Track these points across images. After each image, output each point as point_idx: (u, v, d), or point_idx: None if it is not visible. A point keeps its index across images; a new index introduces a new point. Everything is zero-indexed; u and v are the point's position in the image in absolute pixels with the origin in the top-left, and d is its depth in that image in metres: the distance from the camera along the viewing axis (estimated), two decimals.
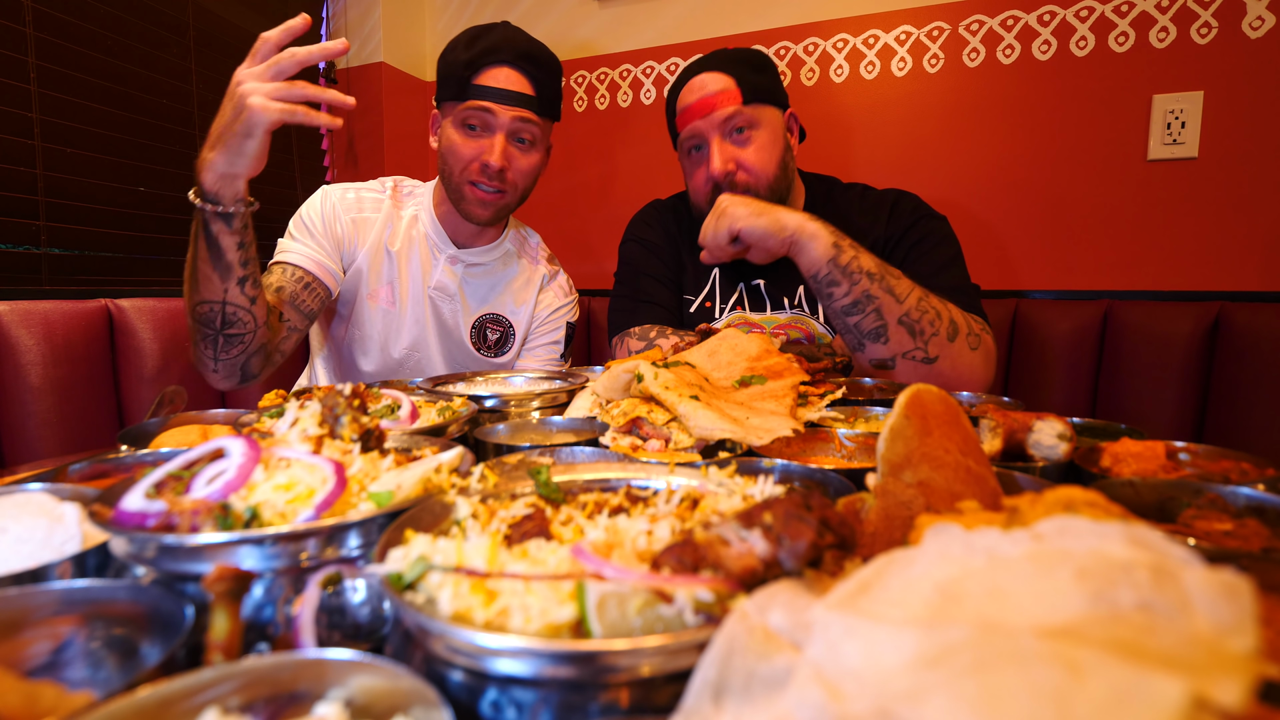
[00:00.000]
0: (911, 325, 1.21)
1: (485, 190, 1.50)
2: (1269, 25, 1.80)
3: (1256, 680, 0.22)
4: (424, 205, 1.64)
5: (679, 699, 0.30)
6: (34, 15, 1.68)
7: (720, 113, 1.44)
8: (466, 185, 1.50)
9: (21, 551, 0.48)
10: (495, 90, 1.43)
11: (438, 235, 1.62)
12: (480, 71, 1.43)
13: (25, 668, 0.39)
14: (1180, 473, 0.69)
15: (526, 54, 1.45)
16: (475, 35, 1.46)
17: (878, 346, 1.23)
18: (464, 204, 1.53)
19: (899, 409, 0.48)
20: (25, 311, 1.47)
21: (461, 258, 1.64)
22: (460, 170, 1.49)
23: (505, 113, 1.44)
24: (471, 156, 1.47)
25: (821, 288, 1.24)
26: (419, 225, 1.62)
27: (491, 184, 1.49)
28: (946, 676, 0.24)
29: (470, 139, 1.47)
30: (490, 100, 1.43)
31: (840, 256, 1.21)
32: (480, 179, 1.49)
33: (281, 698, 0.33)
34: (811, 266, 1.24)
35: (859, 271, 1.21)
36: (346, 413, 0.56)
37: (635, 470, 0.56)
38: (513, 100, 1.44)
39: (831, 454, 0.80)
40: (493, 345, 1.71)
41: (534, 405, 1.02)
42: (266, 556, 0.43)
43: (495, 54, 1.43)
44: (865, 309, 1.21)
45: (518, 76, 1.45)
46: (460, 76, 1.43)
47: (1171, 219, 1.93)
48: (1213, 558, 0.38)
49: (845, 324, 1.25)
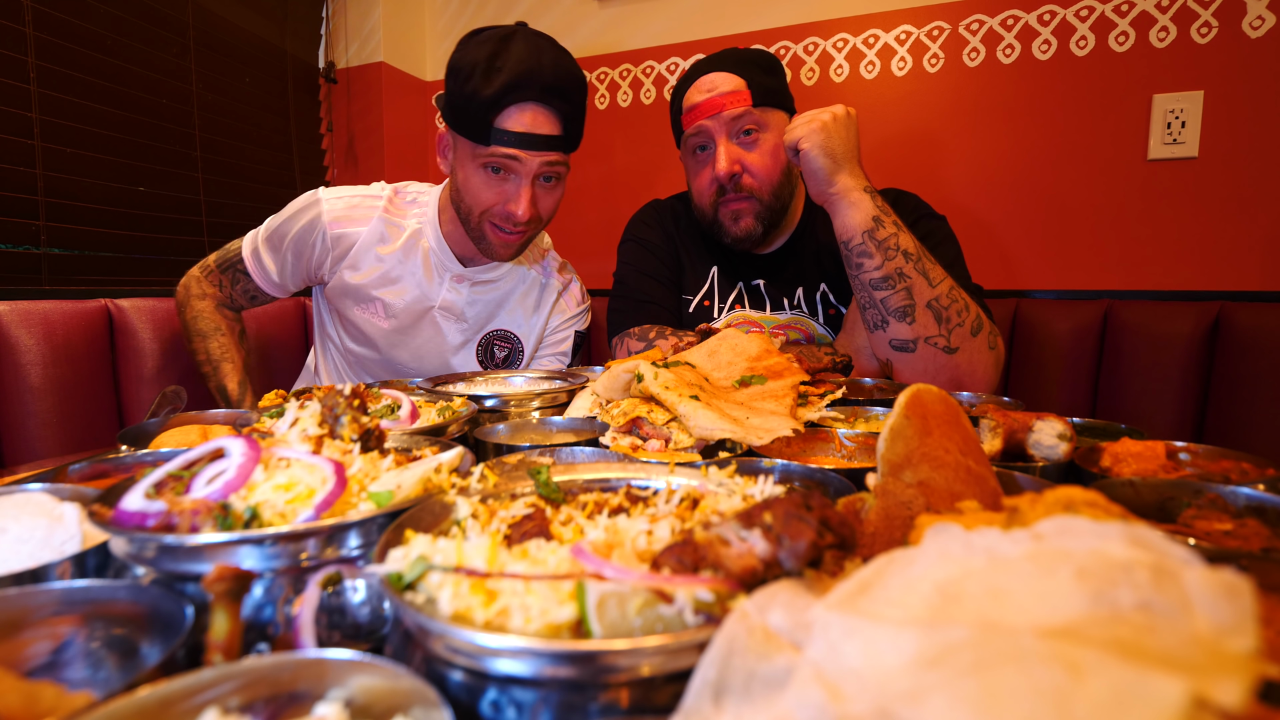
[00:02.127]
0: (940, 311, 1.21)
1: (509, 234, 1.43)
2: (1269, 25, 1.80)
3: (1256, 680, 0.22)
4: (428, 219, 1.55)
5: (679, 699, 0.30)
6: (34, 15, 1.68)
7: (729, 113, 1.43)
8: (488, 225, 1.43)
9: (21, 551, 0.48)
10: (520, 136, 1.31)
11: (444, 253, 1.54)
12: (503, 112, 1.30)
13: (25, 668, 0.39)
14: (1180, 473, 0.69)
15: (554, 87, 1.32)
16: (491, 58, 1.29)
17: (902, 326, 1.23)
18: (484, 243, 1.46)
19: (899, 409, 0.48)
20: (25, 311, 1.47)
21: (469, 276, 1.57)
22: (482, 212, 1.41)
23: (533, 159, 1.34)
24: (495, 201, 1.39)
25: (852, 256, 1.26)
26: (422, 240, 1.55)
27: (515, 229, 1.42)
28: (947, 676, 0.24)
29: (494, 184, 1.38)
30: (517, 148, 1.32)
31: (878, 231, 1.22)
32: (504, 224, 1.41)
33: (281, 698, 0.33)
34: (844, 232, 1.25)
35: (895, 249, 1.22)
36: (346, 413, 0.56)
37: (635, 470, 0.56)
38: (540, 145, 1.33)
39: (831, 454, 0.80)
40: (500, 362, 1.66)
41: (534, 405, 1.02)
42: (266, 556, 0.43)
43: (519, 91, 1.29)
44: (896, 285, 1.22)
45: (545, 117, 1.33)
46: (480, 117, 1.31)
47: (1172, 219, 1.93)
48: (1213, 558, 0.38)
49: (871, 297, 1.25)
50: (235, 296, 1.57)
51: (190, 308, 1.54)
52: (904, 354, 1.25)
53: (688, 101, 1.50)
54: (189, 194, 2.11)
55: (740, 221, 1.48)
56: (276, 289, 1.57)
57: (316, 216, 1.48)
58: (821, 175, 1.26)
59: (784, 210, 1.52)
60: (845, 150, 1.28)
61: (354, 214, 1.51)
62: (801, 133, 1.28)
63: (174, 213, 2.06)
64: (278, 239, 1.51)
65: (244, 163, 2.32)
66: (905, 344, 1.24)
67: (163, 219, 2.03)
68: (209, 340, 1.50)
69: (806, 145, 1.26)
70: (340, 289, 1.55)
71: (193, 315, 1.53)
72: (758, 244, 1.53)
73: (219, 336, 1.50)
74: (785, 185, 1.49)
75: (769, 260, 1.59)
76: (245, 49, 2.32)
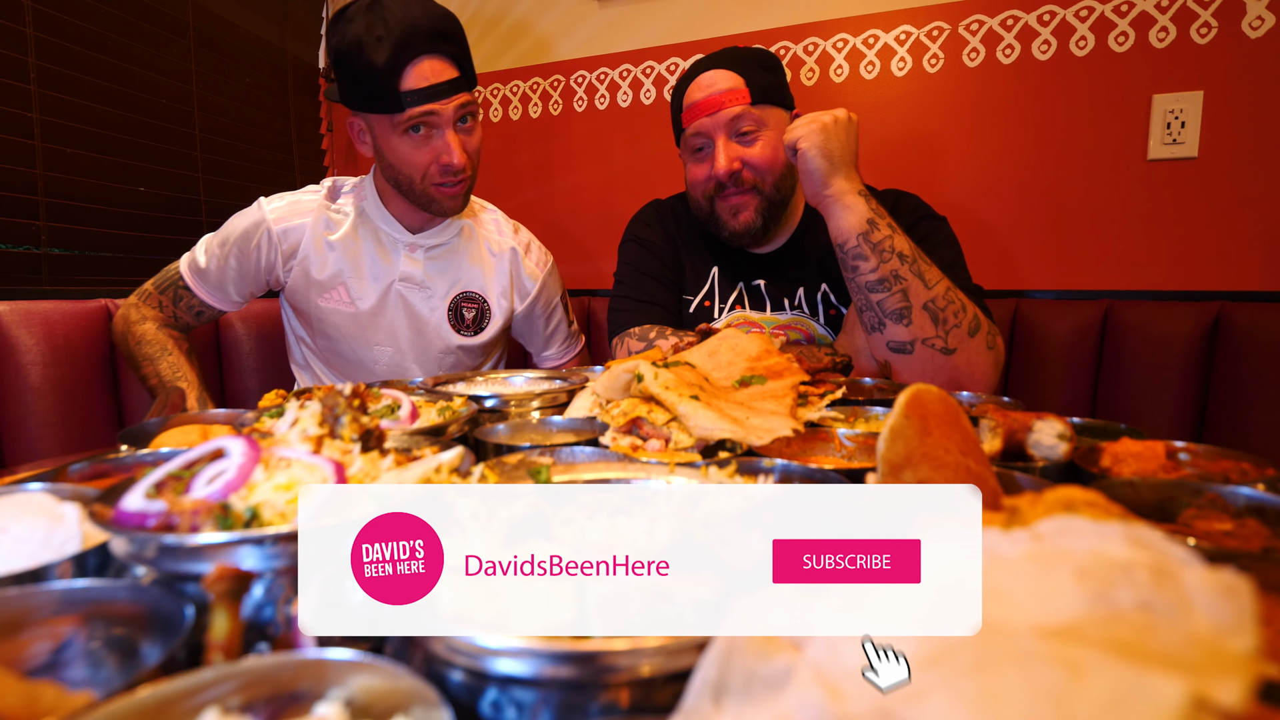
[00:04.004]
0: (936, 313, 1.21)
1: (452, 186, 1.47)
2: (1269, 25, 1.80)
3: (1256, 680, 0.22)
4: (367, 198, 1.58)
5: (679, 699, 0.30)
6: (34, 15, 1.68)
7: (727, 112, 1.43)
8: (432, 188, 1.46)
9: (21, 551, 0.48)
10: (428, 90, 1.35)
11: (389, 226, 1.58)
12: (402, 73, 1.34)
13: (25, 668, 0.39)
14: (1180, 473, 0.69)
15: (437, 33, 1.35)
16: (369, 27, 1.31)
17: (899, 328, 1.23)
18: (434, 205, 1.50)
19: (899, 409, 0.48)
20: (25, 311, 1.47)
21: (420, 243, 1.60)
22: (421, 177, 1.45)
23: (447, 107, 1.38)
24: (428, 161, 1.43)
25: (847, 259, 1.25)
26: (366, 219, 1.58)
27: (456, 179, 1.46)
28: (946, 676, 0.24)
29: (420, 144, 1.42)
30: (429, 101, 1.36)
31: (873, 233, 1.22)
32: (445, 179, 1.45)
33: (281, 698, 0.33)
34: (839, 235, 1.25)
35: (890, 251, 1.21)
36: (346, 413, 0.56)
37: (635, 470, 0.56)
38: (448, 91, 1.37)
39: (831, 454, 0.80)
40: (470, 324, 1.67)
41: (534, 405, 1.02)
42: (266, 556, 0.43)
43: (409, 48, 1.32)
44: (891, 288, 1.22)
45: (440, 63, 1.36)
46: (384, 86, 1.34)
47: (1171, 219, 1.93)
48: (1213, 558, 0.38)
49: (868, 300, 1.25)
50: (179, 315, 1.54)
51: (131, 334, 1.47)
52: (902, 355, 1.25)
53: (687, 100, 1.50)
54: (189, 194, 2.11)
55: (740, 215, 1.48)
56: (222, 299, 1.55)
57: (260, 219, 1.51)
58: (818, 176, 1.27)
59: (784, 205, 1.52)
60: (843, 153, 1.28)
61: (297, 209, 1.54)
62: (801, 132, 1.28)
63: (174, 213, 2.06)
64: (216, 246, 1.51)
65: (244, 163, 2.32)
66: (902, 345, 1.24)
67: (163, 219, 2.03)
68: (158, 362, 1.43)
69: (805, 145, 1.27)
70: (301, 284, 1.56)
71: (136, 340, 1.46)
72: (757, 240, 1.53)
73: (167, 356, 1.44)
74: (786, 179, 1.49)
75: (769, 260, 1.59)
76: (245, 49, 2.32)
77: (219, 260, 1.52)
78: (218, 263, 1.52)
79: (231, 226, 1.53)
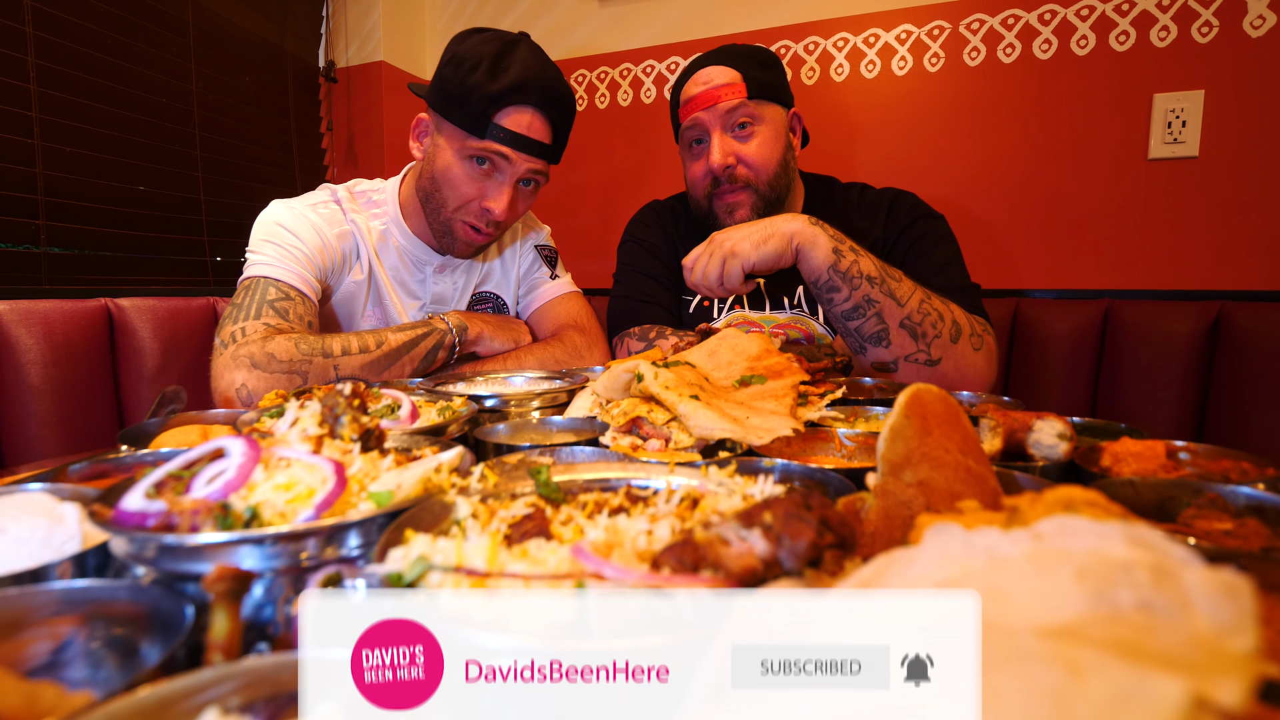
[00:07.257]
0: (914, 328, 1.20)
1: (479, 233, 1.43)
2: (1270, 24, 1.80)
3: (1256, 680, 0.22)
4: (391, 217, 1.50)
5: None
6: (34, 15, 1.68)
7: (723, 105, 1.43)
8: (459, 222, 1.41)
9: (21, 551, 0.48)
10: (517, 136, 1.33)
11: (418, 249, 1.52)
12: (503, 109, 1.31)
13: (25, 668, 0.39)
14: (1180, 472, 0.69)
15: (554, 98, 1.34)
16: (497, 56, 1.30)
17: (879, 350, 1.22)
18: (447, 237, 1.45)
19: (899, 409, 0.48)
20: (25, 311, 1.47)
21: (449, 263, 1.57)
22: (457, 206, 1.39)
23: (522, 162, 1.35)
24: (474, 196, 1.38)
25: (821, 293, 1.24)
26: (391, 240, 1.50)
27: (487, 228, 1.42)
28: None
29: (476, 177, 1.37)
30: (510, 146, 1.33)
31: (840, 262, 1.19)
32: (478, 222, 1.41)
33: (281, 698, 0.33)
34: (812, 273, 1.22)
35: (859, 276, 1.19)
36: (346, 412, 0.56)
37: (635, 470, 0.56)
38: (532, 150, 1.35)
39: (831, 454, 0.80)
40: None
41: (534, 405, 1.02)
42: (266, 556, 0.43)
43: (523, 93, 1.30)
44: (866, 313, 1.20)
45: (541, 124, 1.35)
46: (479, 110, 1.30)
47: (1172, 218, 1.93)
48: (1213, 557, 0.37)
49: (846, 328, 1.25)
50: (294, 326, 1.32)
51: (275, 360, 1.19)
52: (888, 374, 1.24)
53: (684, 95, 1.50)
54: (189, 194, 2.11)
55: (736, 214, 1.48)
56: (315, 294, 1.39)
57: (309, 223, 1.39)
58: (780, 251, 1.19)
59: (780, 203, 1.52)
60: (756, 221, 1.23)
61: (333, 221, 1.44)
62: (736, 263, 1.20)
63: (174, 212, 2.06)
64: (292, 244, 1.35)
65: (244, 162, 2.32)
66: (886, 365, 1.24)
67: (163, 218, 2.03)
68: (331, 340, 1.24)
69: (752, 259, 1.19)
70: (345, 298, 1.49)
71: (288, 357, 1.19)
72: None
73: (331, 339, 1.25)
74: (782, 177, 1.49)
75: None
76: (245, 49, 2.32)
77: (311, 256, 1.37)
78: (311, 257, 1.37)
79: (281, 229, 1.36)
